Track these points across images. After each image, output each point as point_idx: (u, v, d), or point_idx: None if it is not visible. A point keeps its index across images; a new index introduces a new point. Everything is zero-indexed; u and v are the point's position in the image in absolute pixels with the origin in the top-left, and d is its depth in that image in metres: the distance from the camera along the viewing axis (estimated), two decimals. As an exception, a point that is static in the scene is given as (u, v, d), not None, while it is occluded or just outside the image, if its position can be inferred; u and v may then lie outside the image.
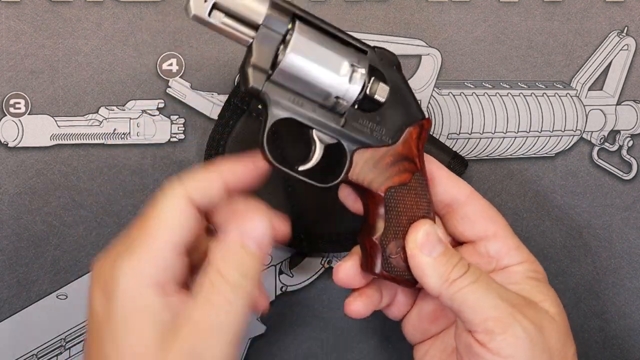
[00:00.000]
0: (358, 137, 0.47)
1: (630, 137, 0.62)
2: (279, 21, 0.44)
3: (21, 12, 0.57)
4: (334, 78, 0.45)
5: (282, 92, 0.46)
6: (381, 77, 0.47)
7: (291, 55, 0.45)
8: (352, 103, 0.46)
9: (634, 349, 0.62)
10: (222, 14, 0.44)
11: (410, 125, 0.48)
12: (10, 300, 0.58)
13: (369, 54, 0.47)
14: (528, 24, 0.61)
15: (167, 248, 0.41)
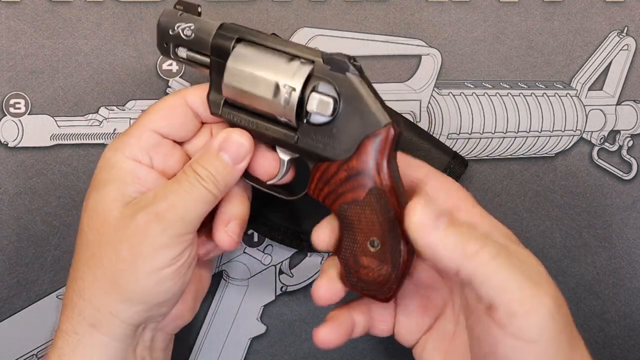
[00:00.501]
0: (313, 151, 0.46)
1: (630, 137, 0.62)
2: (224, 44, 0.47)
3: (21, 12, 0.57)
4: (267, 99, 0.46)
5: (236, 113, 0.47)
6: (328, 89, 0.45)
7: (226, 76, 0.46)
8: (295, 120, 0.45)
9: (634, 349, 0.62)
10: (184, 51, 0.49)
11: (366, 137, 0.45)
12: (10, 300, 0.58)
13: (314, 66, 0.45)
14: (528, 23, 0.61)
15: (149, 128, 0.48)
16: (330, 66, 0.45)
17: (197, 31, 0.48)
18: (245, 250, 0.60)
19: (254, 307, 0.60)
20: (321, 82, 0.45)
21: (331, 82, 0.45)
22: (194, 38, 0.48)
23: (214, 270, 0.60)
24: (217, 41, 0.47)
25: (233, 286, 0.60)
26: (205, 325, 0.60)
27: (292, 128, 0.46)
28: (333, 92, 0.45)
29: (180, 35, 0.48)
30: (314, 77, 0.45)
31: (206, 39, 0.47)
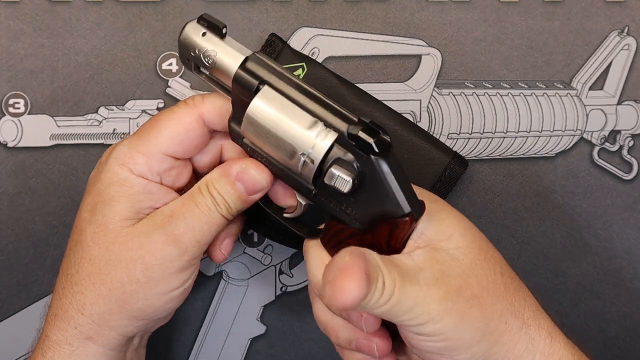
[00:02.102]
0: (329, 210, 0.45)
1: (631, 137, 0.62)
2: (245, 84, 0.44)
3: (21, 11, 0.57)
4: (284, 159, 0.44)
5: (257, 152, 0.45)
6: (349, 165, 0.42)
7: (245, 125, 0.44)
8: (312, 180, 0.44)
9: (634, 349, 0.62)
10: (206, 70, 0.45)
11: (385, 222, 0.43)
12: (10, 300, 0.58)
13: (339, 136, 0.42)
14: (528, 23, 0.60)
15: (161, 150, 0.46)
16: (354, 143, 0.42)
17: (219, 61, 0.44)
18: (245, 250, 0.60)
19: (254, 307, 0.60)
20: (342, 156, 0.42)
21: (354, 161, 0.42)
22: (216, 67, 0.44)
23: (214, 271, 0.60)
24: (239, 78, 0.44)
25: (233, 286, 0.60)
26: (205, 325, 0.60)
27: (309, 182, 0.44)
28: (354, 169, 0.42)
29: (201, 59, 0.45)
30: (337, 149, 0.42)
31: (229, 72, 0.44)
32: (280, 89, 0.43)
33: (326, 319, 0.47)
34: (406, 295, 0.41)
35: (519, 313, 0.44)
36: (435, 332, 0.42)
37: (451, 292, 0.42)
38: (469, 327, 0.42)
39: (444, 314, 0.41)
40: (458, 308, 0.42)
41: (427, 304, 0.41)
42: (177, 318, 0.60)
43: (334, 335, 0.47)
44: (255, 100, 0.43)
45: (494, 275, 0.45)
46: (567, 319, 0.62)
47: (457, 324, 0.42)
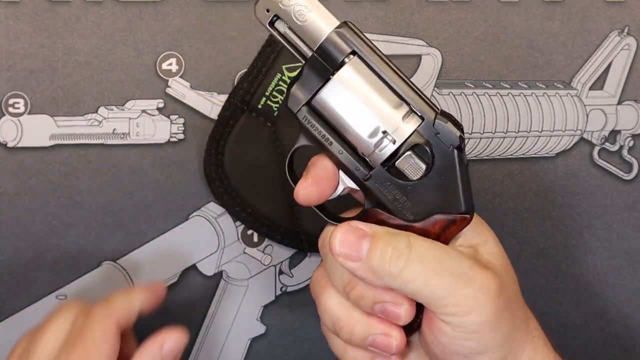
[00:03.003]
0: (379, 197, 0.43)
1: (631, 137, 0.62)
2: (336, 50, 0.42)
3: (20, 11, 0.57)
4: (360, 136, 0.42)
5: (315, 122, 0.43)
6: (424, 153, 0.42)
7: (327, 91, 0.42)
8: (377, 166, 0.43)
9: (634, 349, 0.62)
10: (286, 25, 0.42)
11: (441, 213, 0.43)
12: (9, 301, 0.58)
13: (424, 123, 0.42)
14: (528, 23, 0.60)
15: None
16: (438, 132, 0.42)
17: (311, 20, 0.42)
18: (245, 251, 0.60)
19: (254, 307, 0.60)
20: (422, 143, 0.42)
21: (431, 148, 0.42)
22: (304, 25, 0.42)
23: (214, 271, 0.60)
24: (330, 43, 0.42)
25: (233, 286, 0.60)
26: (205, 325, 0.60)
27: (368, 165, 0.43)
28: (429, 158, 0.42)
29: (290, 14, 0.42)
30: (416, 134, 0.42)
31: (318, 34, 0.42)
32: (370, 63, 0.42)
33: (340, 314, 0.46)
34: (450, 276, 0.41)
35: (528, 322, 0.45)
36: (476, 325, 0.42)
37: (499, 289, 0.42)
38: (500, 329, 0.42)
39: (491, 306, 0.42)
40: (500, 306, 0.42)
41: (475, 290, 0.41)
42: (177, 318, 0.60)
43: (348, 330, 0.45)
44: (347, 67, 0.42)
45: (515, 285, 0.45)
46: (567, 319, 0.62)
47: (497, 321, 0.42)
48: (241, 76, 0.58)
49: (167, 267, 0.59)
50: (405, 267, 0.42)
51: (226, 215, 0.59)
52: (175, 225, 0.59)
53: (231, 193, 0.58)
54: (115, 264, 0.59)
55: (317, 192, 0.44)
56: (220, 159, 0.58)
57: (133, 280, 0.59)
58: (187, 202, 0.59)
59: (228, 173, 0.58)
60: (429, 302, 0.42)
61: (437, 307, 0.42)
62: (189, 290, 0.59)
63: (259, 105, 0.58)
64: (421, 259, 0.42)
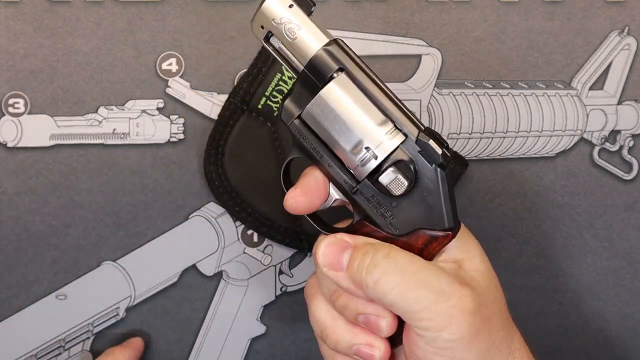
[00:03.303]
0: (366, 210, 0.45)
1: (631, 137, 0.62)
2: (323, 66, 0.43)
3: (20, 11, 0.57)
4: (345, 151, 0.44)
5: (306, 135, 0.45)
6: (407, 169, 0.43)
7: (314, 105, 0.44)
8: (362, 180, 0.44)
9: (635, 349, 0.62)
10: (280, 41, 0.44)
11: (424, 229, 0.44)
12: (9, 301, 0.58)
13: (407, 140, 0.43)
14: (528, 23, 0.60)
15: None
16: (421, 149, 0.43)
17: (301, 37, 0.44)
18: (245, 251, 0.60)
19: (254, 307, 0.60)
20: (405, 160, 0.43)
21: (414, 165, 0.43)
22: (295, 42, 0.44)
23: (214, 271, 0.60)
24: (318, 59, 0.43)
25: (233, 286, 0.60)
26: (205, 325, 0.60)
27: (355, 179, 0.44)
28: (412, 175, 0.43)
29: (281, 31, 0.44)
30: (399, 151, 0.43)
31: (308, 51, 0.43)
32: (357, 79, 0.43)
33: (326, 322, 0.47)
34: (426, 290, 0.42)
35: (510, 342, 0.45)
36: (449, 342, 0.42)
37: (476, 306, 0.43)
38: (475, 348, 0.43)
39: (465, 324, 0.42)
40: (477, 325, 0.42)
41: (450, 307, 0.42)
42: (177, 318, 0.60)
43: (334, 339, 0.46)
44: (332, 83, 0.43)
45: (500, 304, 0.45)
46: (567, 319, 0.62)
47: (471, 340, 0.42)
48: (241, 76, 0.58)
49: (167, 267, 0.59)
50: (382, 277, 0.42)
51: (226, 215, 0.59)
52: (175, 225, 0.59)
53: (231, 193, 0.58)
54: (115, 264, 0.59)
55: (306, 202, 0.46)
56: (220, 159, 0.58)
57: (133, 280, 0.59)
58: (187, 202, 0.59)
59: (228, 173, 0.58)
60: (405, 314, 0.43)
61: (412, 320, 0.42)
62: (189, 290, 0.59)
63: (259, 105, 0.58)
64: (399, 270, 0.43)
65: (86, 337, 0.59)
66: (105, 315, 0.59)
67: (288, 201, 0.46)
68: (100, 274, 0.59)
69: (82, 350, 0.59)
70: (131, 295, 0.59)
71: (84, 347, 0.59)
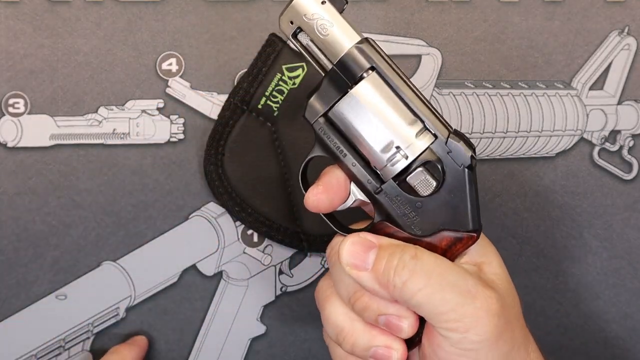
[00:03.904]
0: (388, 211, 0.44)
1: (631, 137, 0.62)
2: (355, 65, 0.43)
3: (20, 11, 0.57)
4: (373, 150, 0.43)
5: (330, 134, 0.44)
6: (435, 170, 0.44)
7: (344, 104, 0.43)
8: (390, 179, 0.44)
9: (635, 349, 0.62)
10: (308, 38, 0.44)
11: (448, 230, 0.44)
12: (9, 301, 0.58)
13: (437, 141, 0.43)
14: (528, 23, 0.60)
15: None
16: (449, 150, 0.43)
17: (333, 35, 0.43)
18: (245, 251, 0.60)
19: (254, 307, 0.60)
20: (433, 160, 0.43)
21: (442, 166, 0.43)
22: (326, 39, 0.43)
23: (214, 271, 0.60)
24: (350, 58, 0.43)
25: (233, 286, 0.60)
26: (205, 325, 0.60)
27: (380, 179, 0.44)
28: (440, 175, 0.43)
29: (313, 27, 0.43)
30: (429, 152, 0.43)
31: (339, 48, 0.43)
32: (388, 79, 0.43)
33: (344, 324, 0.46)
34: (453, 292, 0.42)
35: (527, 345, 0.45)
36: (474, 344, 0.42)
37: (500, 308, 0.43)
38: (499, 349, 0.43)
39: (491, 326, 0.42)
40: (500, 326, 0.42)
41: (477, 308, 0.42)
42: (177, 318, 0.60)
43: (351, 341, 0.46)
44: (365, 82, 0.43)
45: (517, 308, 0.46)
46: (567, 319, 0.62)
47: (495, 342, 0.42)
48: (241, 76, 0.58)
49: (167, 267, 0.59)
50: (410, 278, 0.42)
51: (226, 215, 0.59)
52: (175, 225, 0.59)
53: (231, 193, 0.58)
54: (115, 264, 0.59)
55: (327, 200, 0.45)
56: (220, 159, 0.58)
57: (133, 280, 0.59)
58: (187, 202, 0.59)
59: (228, 173, 0.58)
60: (431, 316, 0.42)
61: (438, 321, 0.42)
62: (189, 290, 0.59)
63: (259, 105, 0.58)
64: (426, 272, 0.42)
65: (86, 337, 0.59)
66: (105, 315, 0.59)
67: (310, 199, 0.45)
68: (100, 274, 0.59)
69: (82, 350, 0.59)
70: (131, 295, 0.59)
71: (84, 347, 0.59)
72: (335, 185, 0.45)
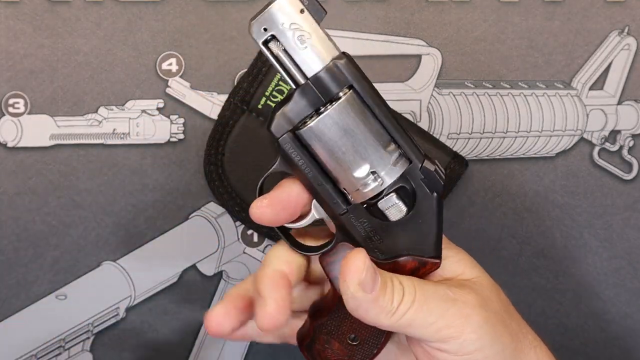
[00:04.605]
0: (352, 233, 0.42)
1: (631, 137, 0.62)
2: (332, 82, 0.40)
3: (20, 11, 0.57)
4: (346, 173, 0.41)
5: (297, 150, 0.41)
6: (407, 196, 0.42)
7: (319, 123, 0.40)
8: (358, 203, 0.42)
9: (635, 349, 0.62)
10: (280, 47, 0.40)
11: (410, 256, 0.42)
12: (9, 301, 0.58)
13: (412, 166, 0.41)
14: (528, 23, 0.60)
15: None
16: (423, 176, 0.42)
17: (312, 47, 0.39)
18: (245, 251, 0.60)
19: (254, 307, 0.60)
20: (406, 186, 0.42)
21: (414, 192, 0.42)
22: (303, 51, 0.40)
23: (214, 271, 0.60)
24: (327, 74, 0.40)
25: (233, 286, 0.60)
26: (205, 325, 0.60)
27: (347, 201, 0.42)
28: (411, 201, 0.42)
29: (289, 38, 0.39)
30: (403, 177, 0.42)
31: (316, 62, 0.40)
32: (367, 99, 0.41)
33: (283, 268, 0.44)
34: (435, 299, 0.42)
35: (526, 335, 0.45)
36: (476, 341, 0.42)
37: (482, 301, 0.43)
38: (500, 341, 0.43)
39: (479, 318, 0.42)
40: (491, 317, 0.42)
41: (460, 307, 0.42)
42: (177, 318, 0.60)
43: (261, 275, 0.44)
44: (342, 101, 0.40)
45: (506, 302, 0.46)
46: (567, 319, 0.62)
47: (493, 332, 0.42)
48: (241, 76, 0.58)
49: (167, 267, 0.59)
50: (403, 297, 0.42)
51: (226, 215, 0.59)
52: (175, 225, 0.59)
53: (231, 193, 0.58)
54: (115, 264, 0.59)
55: (272, 214, 0.43)
56: (220, 159, 0.58)
57: (133, 280, 0.59)
58: (187, 202, 0.59)
59: (228, 173, 0.58)
60: (423, 331, 0.42)
61: (431, 335, 0.42)
62: (189, 290, 0.59)
63: (259, 105, 0.58)
64: (409, 290, 0.42)
65: (86, 337, 0.59)
66: (105, 315, 0.59)
67: (253, 210, 0.43)
68: (100, 274, 0.59)
69: (82, 350, 0.59)
70: (131, 295, 0.59)
71: (84, 347, 0.59)
72: (284, 200, 0.43)
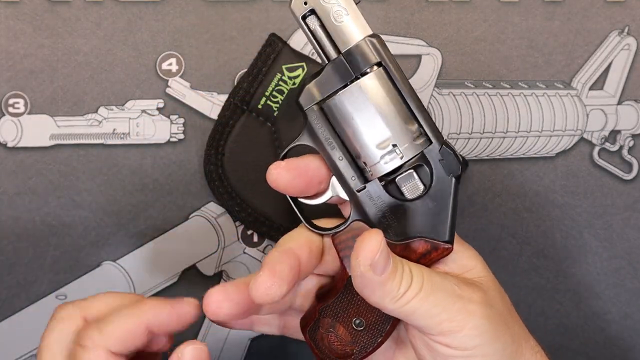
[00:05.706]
0: (367, 211, 0.44)
1: (631, 137, 0.62)
2: (364, 57, 0.42)
3: (20, 11, 0.57)
4: (368, 145, 0.43)
5: (322, 123, 0.43)
6: (425, 175, 0.43)
7: (345, 95, 0.42)
8: (376, 178, 0.43)
9: (635, 349, 0.62)
10: (317, 22, 0.43)
11: (424, 239, 0.43)
12: (9, 301, 0.58)
13: (431, 146, 0.43)
14: (529, 23, 0.60)
15: (102, 347, 0.42)
16: (442, 158, 0.43)
17: (347, 23, 0.42)
18: (245, 251, 0.60)
19: (254, 307, 0.60)
20: (424, 165, 0.43)
21: (432, 172, 0.43)
22: (339, 26, 0.42)
23: (214, 271, 0.60)
24: (360, 49, 0.42)
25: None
26: (205, 325, 0.60)
27: (364, 177, 0.44)
28: (428, 181, 0.43)
29: (328, 13, 0.42)
30: (422, 155, 0.43)
31: (350, 38, 0.42)
32: (394, 77, 0.43)
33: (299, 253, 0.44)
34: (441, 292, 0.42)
35: (528, 339, 0.45)
36: (476, 338, 0.42)
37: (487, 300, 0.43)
38: (500, 340, 0.43)
39: (482, 316, 0.42)
40: (494, 317, 0.42)
41: (465, 303, 0.42)
42: (177, 318, 0.59)
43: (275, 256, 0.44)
44: (371, 76, 0.42)
45: (509, 304, 0.46)
46: (567, 319, 0.62)
47: (494, 331, 0.42)
48: (241, 76, 0.58)
49: (167, 267, 0.59)
50: (411, 285, 0.42)
51: (226, 215, 0.59)
52: (175, 225, 0.59)
53: (231, 193, 0.58)
54: (115, 264, 0.59)
55: (287, 180, 0.44)
56: (220, 159, 0.58)
57: (133, 280, 0.59)
58: (187, 202, 0.59)
59: (228, 173, 0.58)
60: (424, 321, 0.42)
61: (432, 327, 0.42)
62: (189, 290, 0.59)
63: (259, 105, 0.58)
64: (418, 278, 0.42)
65: (86, 337, 0.59)
66: (105, 315, 0.59)
67: (270, 171, 0.43)
68: (100, 274, 0.59)
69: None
70: (131, 295, 0.59)
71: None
72: (302, 168, 0.44)
